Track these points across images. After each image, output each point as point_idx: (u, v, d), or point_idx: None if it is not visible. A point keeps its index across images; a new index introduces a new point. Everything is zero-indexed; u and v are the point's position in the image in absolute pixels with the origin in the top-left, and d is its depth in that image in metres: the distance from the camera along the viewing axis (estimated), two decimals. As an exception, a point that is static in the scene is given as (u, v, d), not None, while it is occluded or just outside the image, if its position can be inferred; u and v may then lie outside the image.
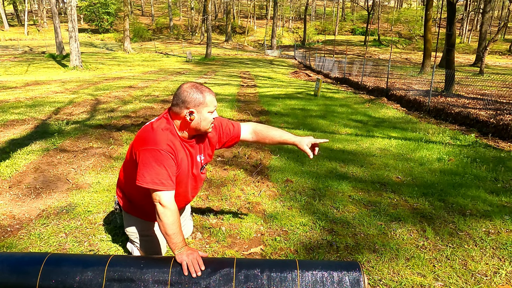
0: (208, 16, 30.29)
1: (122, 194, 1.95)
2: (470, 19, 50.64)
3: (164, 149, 1.60)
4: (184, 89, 1.66)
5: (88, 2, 45.50)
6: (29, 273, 1.51)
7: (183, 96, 1.64)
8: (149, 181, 1.57)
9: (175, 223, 1.58)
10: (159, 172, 1.58)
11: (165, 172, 1.59)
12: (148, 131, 1.67)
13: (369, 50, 39.14)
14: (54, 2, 22.31)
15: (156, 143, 1.61)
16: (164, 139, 1.63)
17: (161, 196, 1.58)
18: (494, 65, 25.27)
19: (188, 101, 1.64)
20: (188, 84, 1.68)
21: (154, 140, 1.62)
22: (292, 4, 65.05)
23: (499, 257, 2.16)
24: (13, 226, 2.41)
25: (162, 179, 1.58)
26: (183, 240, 1.58)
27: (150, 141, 1.62)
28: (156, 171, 1.58)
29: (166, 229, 1.57)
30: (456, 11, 11.57)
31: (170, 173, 1.60)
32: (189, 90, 1.65)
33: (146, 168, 1.59)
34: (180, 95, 1.65)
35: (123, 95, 9.01)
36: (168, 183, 1.59)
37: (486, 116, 6.12)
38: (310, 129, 5.61)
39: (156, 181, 1.57)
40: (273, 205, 2.83)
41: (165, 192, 1.58)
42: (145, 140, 1.64)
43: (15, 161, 3.70)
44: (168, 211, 1.57)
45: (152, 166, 1.58)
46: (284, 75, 18.37)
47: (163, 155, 1.59)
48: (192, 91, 1.64)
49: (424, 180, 3.47)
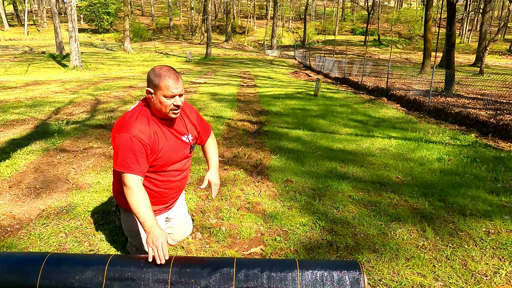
0: (208, 16, 30.28)
1: (118, 190, 1.95)
2: (470, 19, 50.64)
3: (134, 134, 1.67)
4: (152, 69, 1.74)
5: (88, 2, 45.49)
6: (29, 273, 1.51)
7: (148, 75, 1.74)
8: (118, 164, 1.68)
9: (140, 201, 1.65)
10: (127, 156, 1.67)
11: (132, 156, 1.67)
12: (122, 118, 1.75)
13: (369, 50, 39.14)
14: (54, 2, 22.30)
15: (128, 129, 1.69)
16: (136, 125, 1.70)
17: (127, 178, 1.67)
18: (494, 65, 25.26)
19: (148, 80, 1.73)
20: (159, 66, 1.75)
21: (126, 126, 1.70)
22: (292, 4, 65.04)
23: (499, 257, 2.16)
24: (13, 226, 2.41)
25: (130, 162, 1.67)
26: (152, 219, 1.63)
27: (123, 127, 1.70)
28: (125, 154, 1.67)
29: (132, 208, 1.65)
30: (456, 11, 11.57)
31: (138, 157, 1.68)
32: (152, 71, 1.72)
33: (117, 153, 1.68)
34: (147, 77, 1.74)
35: (123, 95, 9.01)
36: (134, 167, 1.67)
37: (486, 116, 6.12)
38: (310, 129, 5.61)
39: (124, 164, 1.66)
40: (273, 205, 2.83)
41: (130, 175, 1.67)
42: (118, 126, 1.73)
43: (15, 161, 3.70)
44: (130, 191, 1.66)
45: (121, 150, 1.67)
46: (284, 75, 18.37)
47: (132, 140, 1.67)
48: (153, 73, 1.71)
49: (424, 180, 3.47)
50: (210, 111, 6.90)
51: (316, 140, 4.95)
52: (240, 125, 5.87)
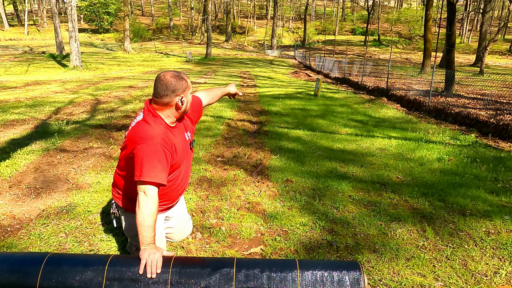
0: (208, 16, 30.28)
1: (122, 193, 1.95)
2: (470, 19, 50.63)
3: (159, 143, 1.67)
4: (169, 80, 1.73)
5: (88, 2, 45.49)
6: (29, 273, 1.51)
7: (172, 86, 1.73)
8: (144, 175, 1.63)
9: (152, 215, 1.62)
10: (154, 166, 1.65)
11: (158, 165, 1.65)
12: (142, 128, 1.73)
13: (369, 50, 39.13)
14: (54, 2, 22.30)
15: (151, 138, 1.67)
16: (158, 133, 1.70)
17: (150, 188, 1.64)
18: (494, 65, 25.26)
19: (178, 89, 1.74)
20: (168, 73, 1.75)
21: (149, 136, 1.68)
22: (292, 4, 65.02)
23: (499, 257, 2.16)
24: (13, 226, 2.41)
25: (158, 172, 1.64)
26: (153, 237, 1.61)
27: (146, 137, 1.68)
28: (152, 164, 1.64)
29: (142, 219, 1.60)
30: (456, 11, 11.56)
31: (163, 166, 1.67)
32: (174, 79, 1.74)
33: (142, 163, 1.65)
34: (169, 86, 1.73)
35: (123, 95, 9.01)
36: (159, 177, 1.65)
37: (486, 116, 6.12)
38: (310, 129, 5.61)
39: (150, 174, 1.63)
40: (273, 205, 2.83)
41: (153, 186, 1.64)
42: (140, 137, 1.70)
43: (15, 161, 3.70)
44: (149, 201, 1.63)
45: (147, 160, 1.64)
46: (284, 75, 18.37)
47: (158, 149, 1.66)
48: (177, 79, 1.74)
49: (424, 180, 3.47)
50: (210, 111, 6.90)
51: (316, 140, 4.95)
52: (240, 125, 5.86)
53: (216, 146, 4.56)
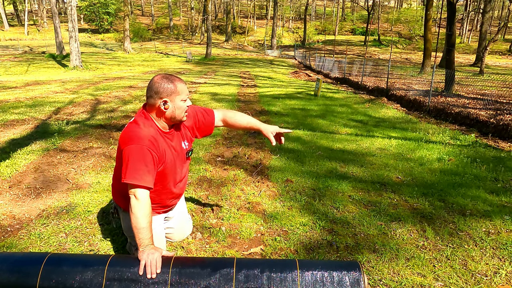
0: (208, 16, 30.28)
1: (120, 194, 1.95)
2: (470, 19, 50.62)
3: (146, 145, 1.66)
4: (155, 80, 1.71)
5: (88, 2, 45.51)
6: (29, 273, 1.51)
7: (155, 87, 1.70)
8: (129, 177, 1.62)
9: (146, 217, 1.62)
10: (139, 168, 1.63)
11: (144, 167, 1.64)
12: (131, 128, 1.72)
13: (369, 50, 39.14)
14: (54, 2, 22.30)
15: (139, 140, 1.66)
16: (146, 135, 1.68)
17: (137, 190, 1.63)
18: (494, 65, 25.26)
19: (160, 91, 1.69)
20: (159, 75, 1.73)
21: (137, 137, 1.67)
22: (292, 4, 65.03)
23: (499, 257, 2.16)
24: (13, 226, 2.41)
25: (143, 174, 1.63)
26: (150, 238, 1.61)
27: (133, 138, 1.67)
28: (136, 166, 1.63)
29: (136, 222, 1.60)
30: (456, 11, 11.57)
31: (149, 168, 1.66)
32: (160, 81, 1.70)
33: (127, 164, 1.64)
34: (152, 87, 1.71)
35: (123, 95, 9.01)
36: (145, 180, 1.63)
37: (486, 116, 6.12)
38: (310, 129, 5.61)
39: (135, 176, 1.62)
40: (273, 205, 2.83)
41: (141, 187, 1.64)
42: (129, 137, 1.69)
43: (15, 161, 3.70)
44: (140, 204, 1.62)
45: (132, 162, 1.63)
46: (284, 75, 18.37)
47: (144, 151, 1.65)
48: (163, 82, 1.70)
49: (424, 180, 3.47)
50: (210, 111, 6.90)
51: (316, 140, 4.95)
52: (240, 125, 5.86)
53: (216, 146, 4.56)
